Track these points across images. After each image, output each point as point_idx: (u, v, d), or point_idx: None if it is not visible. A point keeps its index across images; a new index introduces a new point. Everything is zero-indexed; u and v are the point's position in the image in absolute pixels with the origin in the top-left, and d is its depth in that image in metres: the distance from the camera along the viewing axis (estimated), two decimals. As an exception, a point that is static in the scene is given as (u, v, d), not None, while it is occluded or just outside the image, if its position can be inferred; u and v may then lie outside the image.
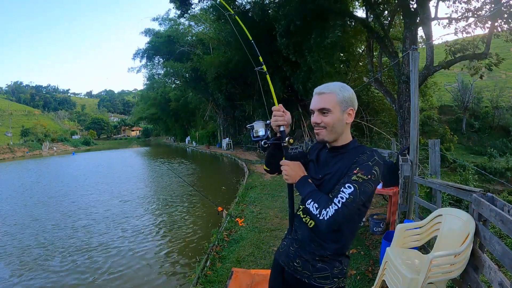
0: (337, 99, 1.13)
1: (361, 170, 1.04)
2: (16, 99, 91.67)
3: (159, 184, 11.59)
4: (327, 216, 1.01)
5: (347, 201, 1.01)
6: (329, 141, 1.17)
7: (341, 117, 1.14)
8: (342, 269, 1.17)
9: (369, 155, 1.07)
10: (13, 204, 9.08)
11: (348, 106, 1.15)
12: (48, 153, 39.76)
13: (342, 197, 1.02)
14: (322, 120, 1.14)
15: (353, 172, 1.05)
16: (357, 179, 1.03)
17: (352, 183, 1.03)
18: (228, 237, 4.58)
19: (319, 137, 1.17)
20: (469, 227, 1.98)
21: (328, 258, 1.14)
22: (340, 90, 1.14)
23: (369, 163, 1.05)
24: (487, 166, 15.60)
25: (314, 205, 1.06)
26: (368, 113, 14.36)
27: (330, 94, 1.13)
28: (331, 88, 1.14)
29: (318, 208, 1.04)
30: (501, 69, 26.50)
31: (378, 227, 4.12)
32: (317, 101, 1.15)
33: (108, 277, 4.22)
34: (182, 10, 13.41)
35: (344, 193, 1.02)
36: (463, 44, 8.58)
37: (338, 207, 1.01)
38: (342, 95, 1.13)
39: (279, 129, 1.25)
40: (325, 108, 1.12)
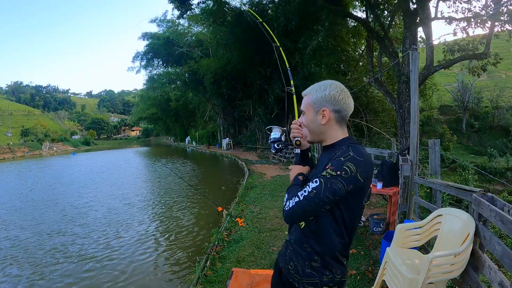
0: (310, 100, 1.14)
1: (331, 166, 1.00)
2: (16, 99, 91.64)
3: (159, 184, 11.59)
4: (287, 208, 1.05)
5: (308, 194, 1.00)
6: (311, 141, 1.22)
7: (314, 118, 1.14)
8: (333, 278, 1.09)
9: (343, 151, 1.03)
10: (10, 207, 9.07)
11: (321, 106, 1.11)
12: (48, 153, 39.76)
13: (305, 191, 1.02)
14: (302, 121, 1.22)
15: (325, 168, 1.03)
16: (325, 174, 1.00)
17: (319, 178, 1.01)
18: (228, 237, 4.58)
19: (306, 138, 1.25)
20: (469, 227, 1.99)
21: (316, 263, 1.09)
22: (316, 90, 1.13)
23: (341, 159, 1.00)
24: (487, 166, 15.61)
25: (285, 198, 1.11)
26: (368, 113, 14.37)
27: (306, 96, 1.17)
28: (309, 90, 1.16)
29: (286, 200, 1.09)
30: (501, 69, 26.54)
31: (378, 227, 4.12)
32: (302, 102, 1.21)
33: (108, 277, 4.23)
34: (181, 11, 13.40)
35: (309, 187, 1.02)
36: (463, 44, 8.58)
37: (299, 199, 1.02)
38: (315, 96, 1.13)
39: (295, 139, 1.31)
40: (302, 110, 1.18)
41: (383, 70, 10.88)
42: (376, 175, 4.37)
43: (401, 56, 9.15)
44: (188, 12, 14.19)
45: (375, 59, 11.03)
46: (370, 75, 10.61)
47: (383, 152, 6.65)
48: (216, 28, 14.72)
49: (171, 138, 48.73)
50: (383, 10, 10.79)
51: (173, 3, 13.07)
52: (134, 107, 63.03)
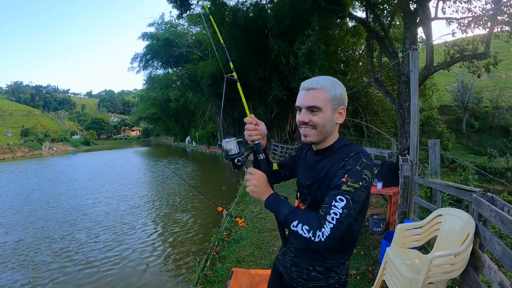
0: (328, 96, 1.00)
1: (350, 178, 0.94)
2: (16, 99, 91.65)
3: (159, 184, 11.59)
4: (323, 237, 0.91)
5: (341, 216, 0.91)
6: (316, 142, 1.06)
7: (332, 116, 1.02)
8: (339, 279, 1.09)
9: (355, 158, 0.97)
10: (11, 208, 9.06)
11: (340, 104, 1.03)
12: (48, 153, 39.77)
13: (335, 213, 0.92)
14: (310, 119, 1.02)
15: (342, 181, 0.94)
16: (348, 189, 0.93)
17: (344, 195, 0.93)
18: (228, 237, 4.58)
19: (306, 139, 1.06)
20: (469, 227, 1.98)
21: (322, 267, 1.08)
22: (332, 86, 1.01)
23: (358, 168, 0.95)
24: (487, 166, 15.62)
25: (304, 227, 0.94)
26: (368, 113, 14.36)
27: (321, 91, 1.00)
28: (322, 84, 1.01)
29: (310, 230, 0.93)
30: (501, 69, 26.54)
31: (378, 227, 4.12)
32: (306, 97, 1.02)
33: (108, 277, 4.23)
34: (181, 11, 13.40)
35: (337, 207, 0.92)
36: (462, 45, 8.58)
37: (334, 225, 0.91)
38: (334, 92, 1.01)
39: (254, 142, 1.14)
40: (315, 106, 1.00)
41: (383, 70, 10.88)
42: (376, 175, 4.37)
43: (401, 56, 9.15)
44: (188, 12, 14.19)
45: (375, 59, 11.03)
46: (370, 75, 10.61)
47: (383, 152, 6.66)
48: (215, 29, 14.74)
49: (171, 138, 48.75)
50: (383, 10, 10.79)
51: (172, 3, 13.06)
52: (134, 107, 63.07)
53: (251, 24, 12.64)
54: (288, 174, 1.32)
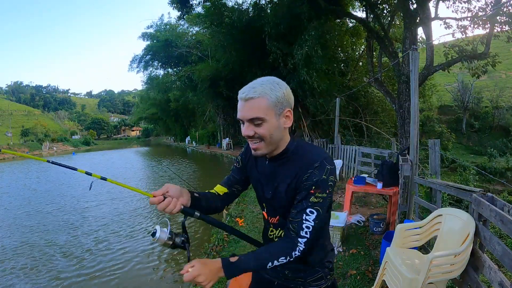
0: (269, 102, 0.92)
1: (317, 189, 0.93)
2: (16, 99, 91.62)
3: (159, 184, 11.58)
4: (300, 253, 0.95)
5: (313, 228, 0.94)
6: (269, 153, 1.00)
7: (278, 123, 0.95)
8: (332, 266, 1.15)
9: (320, 169, 0.94)
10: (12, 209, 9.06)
11: (284, 107, 0.96)
12: (48, 153, 39.76)
13: (308, 227, 0.94)
14: (255, 131, 0.94)
15: (310, 192, 0.94)
16: (317, 200, 0.94)
17: (314, 207, 0.94)
18: (228, 237, 4.58)
19: (257, 152, 0.99)
20: (469, 227, 1.99)
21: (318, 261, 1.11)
22: (271, 90, 0.93)
23: (324, 177, 0.94)
24: (487, 166, 15.62)
25: (280, 259, 0.94)
26: (368, 113, 14.35)
27: (259, 99, 0.91)
28: (260, 90, 0.92)
29: (286, 256, 0.94)
30: (501, 69, 26.52)
31: (378, 227, 4.12)
32: (245, 109, 0.93)
33: (108, 277, 4.23)
34: (182, 12, 13.38)
35: (309, 221, 0.94)
36: (462, 45, 8.58)
37: (308, 238, 0.94)
38: (275, 96, 0.93)
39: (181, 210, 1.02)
40: (257, 117, 0.92)
41: (383, 70, 10.87)
42: (376, 175, 4.37)
43: (401, 56, 9.14)
44: (188, 13, 14.19)
45: (375, 59, 11.03)
46: (370, 75, 10.60)
47: (383, 152, 6.65)
48: (214, 29, 14.74)
49: (171, 138, 48.72)
50: (383, 10, 10.79)
51: (173, 4, 13.05)
52: (134, 107, 63.08)
53: (250, 25, 12.62)
54: (241, 188, 1.24)
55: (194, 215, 1.04)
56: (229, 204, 1.25)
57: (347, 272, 3.11)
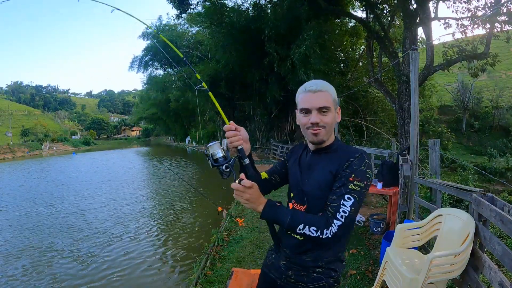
0: (332, 97, 1.09)
1: (356, 177, 1.00)
2: (16, 99, 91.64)
3: (160, 185, 11.60)
4: (331, 234, 0.97)
5: (349, 214, 0.98)
6: (325, 141, 1.11)
7: (335, 115, 1.11)
8: (337, 277, 1.13)
9: (360, 159, 1.03)
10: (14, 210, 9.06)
11: (337, 105, 1.14)
12: (48, 153, 39.77)
13: (345, 211, 0.98)
14: (321, 119, 1.06)
15: (349, 180, 1.00)
16: (355, 188, 1.00)
17: (351, 194, 0.99)
18: (228, 237, 4.58)
19: (317, 138, 1.09)
20: (469, 227, 1.98)
21: (322, 267, 1.10)
22: (331, 89, 1.10)
23: (363, 168, 1.02)
24: (487, 166, 15.62)
25: (311, 229, 0.98)
26: (368, 113, 14.36)
27: (326, 93, 1.07)
28: (326, 86, 1.08)
29: (317, 230, 0.98)
30: (501, 69, 26.54)
31: (378, 227, 4.12)
32: (314, 99, 1.07)
33: (109, 277, 4.23)
34: (180, 11, 13.39)
35: (346, 206, 0.99)
36: (462, 45, 8.58)
37: (342, 222, 0.98)
38: (334, 94, 1.10)
39: (237, 148, 1.14)
40: (326, 106, 1.06)
41: (383, 70, 10.87)
42: (376, 175, 4.37)
43: (401, 56, 9.14)
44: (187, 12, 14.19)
45: (375, 59, 11.03)
46: (370, 75, 10.61)
47: (383, 152, 6.65)
48: (214, 30, 14.75)
49: (171, 138, 48.76)
50: (383, 10, 10.79)
51: (172, 3, 13.05)
52: (134, 107, 63.04)
53: (250, 25, 12.62)
54: (280, 180, 1.31)
55: (245, 159, 1.15)
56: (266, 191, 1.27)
57: (347, 272, 3.11)
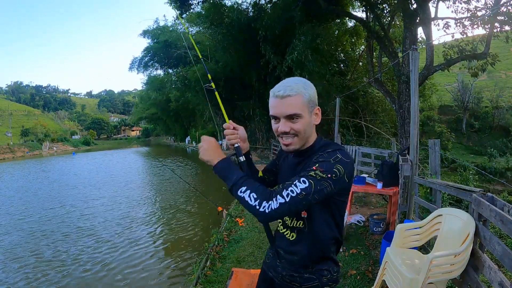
0: (304, 100, 0.98)
1: (320, 168, 0.92)
2: (16, 99, 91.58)
3: (160, 184, 11.60)
4: (268, 209, 0.89)
5: (297, 196, 0.89)
6: (299, 149, 1.04)
7: (310, 120, 1.01)
8: (332, 277, 1.09)
9: (331, 153, 0.96)
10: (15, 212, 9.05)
11: (315, 105, 1.03)
12: (48, 153, 39.76)
13: (292, 191, 0.90)
14: (291, 127, 0.99)
15: (312, 168, 0.92)
16: (314, 175, 0.91)
17: (308, 179, 0.90)
18: (228, 237, 4.58)
19: (289, 148, 1.03)
20: (469, 227, 1.99)
21: (310, 267, 1.08)
22: (305, 88, 0.99)
23: (330, 161, 0.93)
24: (487, 166, 15.61)
25: (251, 194, 0.92)
26: (367, 113, 14.35)
27: (297, 96, 0.97)
28: (296, 89, 0.97)
29: (257, 199, 0.91)
30: (501, 69, 26.54)
31: (378, 227, 4.12)
32: (282, 105, 0.98)
33: (108, 276, 4.23)
34: (181, 11, 13.38)
35: (296, 187, 0.90)
36: (461, 45, 8.58)
37: (286, 201, 0.89)
38: (308, 95, 0.99)
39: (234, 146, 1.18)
40: (295, 113, 0.97)
41: (383, 70, 10.87)
42: (376, 175, 4.37)
43: (401, 56, 9.14)
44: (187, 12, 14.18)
45: (375, 59, 11.03)
46: (370, 75, 10.61)
47: (383, 152, 6.66)
48: (214, 30, 14.75)
49: (171, 138, 48.75)
50: (383, 10, 10.79)
51: (172, 3, 13.05)
52: (134, 107, 63.06)
53: (249, 25, 12.62)
54: (272, 179, 1.30)
55: (240, 157, 1.18)
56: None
57: (347, 272, 3.11)
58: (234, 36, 13.53)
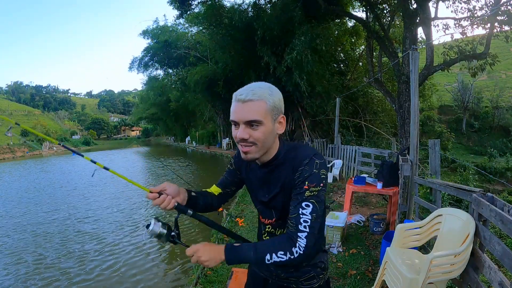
0: (267, 106, 0.93)
1: (311, 184, 0.93)
2: (16, 99, 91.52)
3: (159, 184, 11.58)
4: (301, 250, 0.92)
5: (311, 222, 0.92)
6: (258, 158, 1.00)
7: (272, 128, 0.96)
8: (324, 266, 1.14)
9: (310, 163, 0.95)
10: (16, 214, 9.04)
11: (279, 113, 0.97)
12: (48, 153, 39.76)
13: (306, 221, 0.92)
14: (250, 135, 0.94)
15: (304, 188, 0.94)
16: (311, 194, 0.93)
17: (309, 200, 0.93)
18: (228, 237, 4.57)
19: (247, 156, 0.98)
20: (469, 227, 1.99)
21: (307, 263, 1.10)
22: (270, 94, 0.94)
23: (315, 171, 0.94)
24: (487, 166, 15.60)
25: (279, 254, 0.92)
26: (367, 113, 14.35)
27: (259, 102, 0.92)
28: (259, 93, 0.92)
29: (285, 252, 0.92)
30: (501, 69, 26.54)
31: (378, 227, 4.12)
32: (242, 110, 0.93)
33: (108, 276, 4.23)
34: (181, 11, 13.39)
35: (305, 214, 0.92)
36: (461, 45, 8.58)
37: (308, 232, 0.92)
38: (272, 101, 0.94)
39: (173, 208, 1.05)
40: (255, 120, 0.92)
41: (383, 70, 10.86)
42: (376, 175, 4.37)
43: (401, 56, 9.14)
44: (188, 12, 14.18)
45: (375, 59, 11.02)
46: (370, 75, 10.60)
47: (383, 152, 6.66)
48: (213, 31, 14.76)
49: (171, 138, 48.73)
50: (383, 10, 10.79)
51: (172, 4, 13.05)
52: (134, 107, 63.04)
53: (249, 26, 12.62)
54: (235, 189, 1.29)
55: (187, 213, 1.08)
56: (224, 203, 1.28)
57: (347, 272, 3.11)
58: (233, 36, 13.53)
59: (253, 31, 12.31)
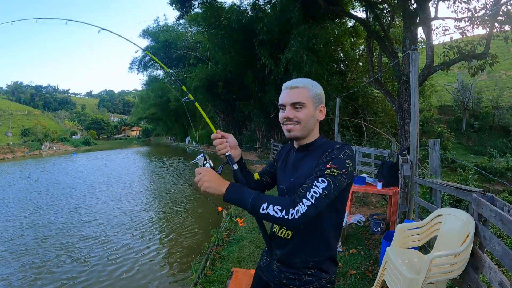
0: (310, 94, 1.09)
1: (334, 165, 0.97)
2: (16, 99, 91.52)
3: (160, 185, 11.60)
4: (298, 214, 0.91)
5: (320, 196, 0.93)
6: (300, 137, 1.11)
7: (314, 113, 1.10)
8: (330, 278, 1.11)
9: (339, 149, 1.02)
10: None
11: (320, 102, 1.12)
12: (48, 153, 39.75)
13: (315, 192, 0.93)
14: (295, 115, 1.08)
15: (326, 167, 0.97)
16: (330, 173, 0.96)
17: (326, 177, 0.95)
18: (228, 237, 4.58)
19: (290, 134, 1.11)
20: (469, 227, 1.98)
21: (313, 268, 1.09)
22: (312, 85, 1.11)
23: (341, 156, 1.00)
24: (487, 166, 15.61)
25: (275, 207, 0.93)
26: (367, 113, 14.35)
27: (303, 89, 1.09)
28: (303, 83, 1.10)
29: (282, 209, 0.93)
30: (501, 69, 26.54)
31: (378, 227, 4.12)
32: (289, 95, 1.09)
33: (108, 277, 4.23)
34: (182, 12, 13.39)
35: (318, 187, 0.94)
36: (461, 46, 8.57)
37: (312, 202, 0.92)
38: (314, 91, 1.10)
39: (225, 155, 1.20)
40: (299, 102, 1.07)
41: (383, 70, 10.87)
42: (376, 175, 4.37)
43: (401, 56, 9.14)
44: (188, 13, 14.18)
45: (375, 59, 11.02)
46: (370, 75, 10.60)
47: (383, 152, 6.66)
48: (213, 32, 14.77)
49: (171, 138, 48.74)
50: (383, 10, 10.79)
51: (173, 4, 13.06)
52: (134, 107, 63.04)
53: (248, 26, 12.62)
54: (270, 181, 1.34)
55: (233, 166, 1.21)
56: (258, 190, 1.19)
57: (347, 272, 3.11)
58: (233, 37, 13.54)
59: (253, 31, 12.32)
